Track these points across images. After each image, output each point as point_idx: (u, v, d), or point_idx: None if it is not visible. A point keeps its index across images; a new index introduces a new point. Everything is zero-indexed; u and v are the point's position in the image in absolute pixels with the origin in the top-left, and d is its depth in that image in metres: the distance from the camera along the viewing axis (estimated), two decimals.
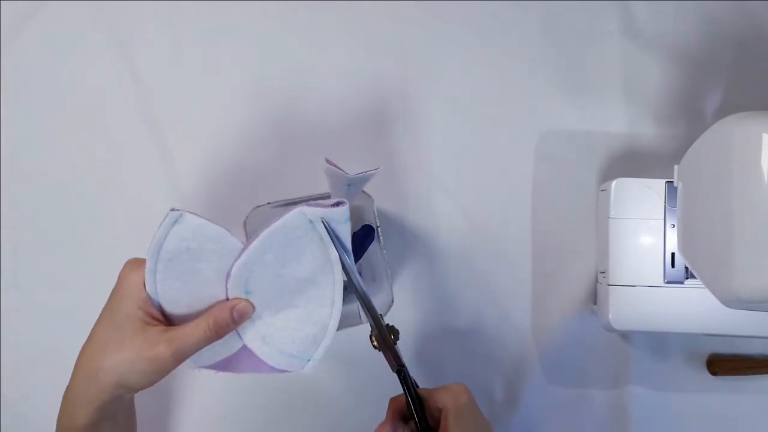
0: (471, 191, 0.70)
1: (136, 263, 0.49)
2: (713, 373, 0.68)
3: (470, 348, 0.69)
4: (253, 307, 0.49)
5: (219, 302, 0.49)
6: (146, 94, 0.71)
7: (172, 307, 0.49)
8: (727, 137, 0.48)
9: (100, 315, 0.50)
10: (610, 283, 0.62)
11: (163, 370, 0.47)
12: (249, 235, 0.61)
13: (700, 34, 0.71)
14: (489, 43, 0.71)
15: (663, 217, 0.62)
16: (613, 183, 0.63)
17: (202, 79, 0.72)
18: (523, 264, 0.70)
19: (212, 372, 0.52)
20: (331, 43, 0.72)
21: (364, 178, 0.54)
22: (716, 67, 0.71)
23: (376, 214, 0.61)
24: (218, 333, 0.48)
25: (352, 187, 0.54)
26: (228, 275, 0.48)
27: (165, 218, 0.47)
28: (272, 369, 0.50)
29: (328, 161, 0.54)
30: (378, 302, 0.63)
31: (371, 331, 0.52)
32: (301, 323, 0.49)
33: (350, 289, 0.67)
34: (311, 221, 0.47)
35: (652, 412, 0.68)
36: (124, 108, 0.71)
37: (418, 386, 0.55)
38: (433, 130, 0.71)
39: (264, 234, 0.47)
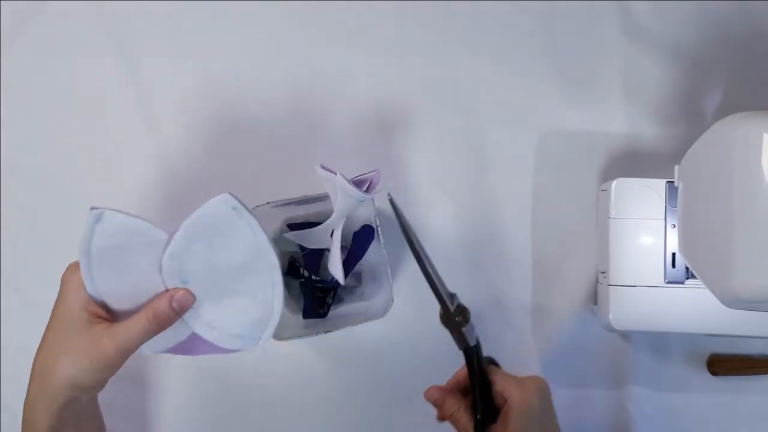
0: (471, 191, 0.70)
1: (76, 266, 0.49)
2: (713, 373, 0.68)
3: None
4: (193, 296, 0.49)
5: (158, 294, 0.49)
6: (146, 93, 0.71)
7: (116, 303, 0.50)
8: (727, 137, 0.48)
9: (49, 319, 0.50)
10: (611, 283, 0.62)
11: (111, 365, 0.48)
12: None
13: (700, 34, 0.71)
14: (489, 42, 0.71)
15: (663, 217, 0.62)
16: (614, 183, 0.63)
17: (202, 79, 0.72)
18: (523, 264, 0.70)
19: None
20: (331, 43, 0.72)
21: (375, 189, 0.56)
22: (716, 67, 0.71)
23: (375, 214, 0.61)
24: (160, 324, 0.48)
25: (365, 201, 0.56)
26: (160, 267, 0.48)
27: (88, 218, 0.47)
28: (225, 350, 0.51)
29: (322, 167, 0.55)
30: (378, 302, 0.63)
31: (440, 310, 0.52)
32: (246, 307, 0.50)
33: (350, 288, 0.67)
34: (234, 208, 0.47)
35: (652, 412, 0.68)
36: (124, 108, 0.71)
37: (497, 365, 0.56)
38: (433, 130, 0.71)
39: (186, 223, 0.47)
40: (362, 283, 0.67)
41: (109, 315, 0.50)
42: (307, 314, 0.65)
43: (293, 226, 0.65)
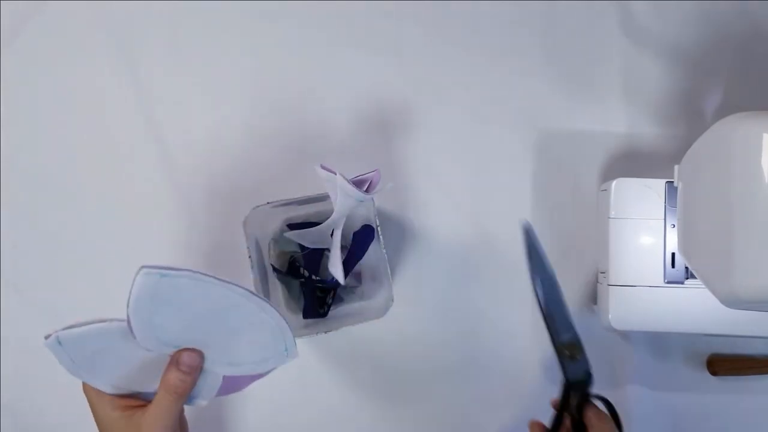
0: (471, 191, 0.70)
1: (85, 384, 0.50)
2: (713, 373, 0.68)
3: (470, 348, 0.69)
4: (198, 351, 0.49)
5: (167, 368, 0.48)
6: (146, 94, 0.71)
7: (141, 385, 0.49)
8: (727, 137, 0.48)
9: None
10: (610, 283, 0.62)
11: None
12: (248, 237, 0.61)
13: (700, 35, 0.71)
14: (489, 42, 0.71)
15: (663, 217, 0.62)
16: (613, 183, 0.63)
17: (202, 79, 0.72)
18: (523, 264, 0.69)
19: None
20: (331, 43, 0.72)
21: (375, 190, 0.55)
22: (716, 67, 0.71)
23: (375, 214, 0.61)
24: (180, 393, 0.48)
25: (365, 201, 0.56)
26: (146, 349, 0.48)
27: (50, 348, 0.46)
28: (261, 375, 0.51)
29: (323, 167, 0.55)
30: (378, 302, 0.63)
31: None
32: (253, 336, 0.49)
33: (350, 288, 0.67)
34: (163, 275, 0.45)
35: (652, 412, 0.68)
36: (124, 108, 0.71)
37: (611, 407, 0.56)
38: (432, 130, 0.71)
39: (129, 312, 0.46)
40: (362, 283, 0.67)
41: (143, 395, 0.50)
42: (307, 314, 0.65)
43: (293, 226, 0.65)
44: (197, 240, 0.70)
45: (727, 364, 0.68)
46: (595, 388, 0.69)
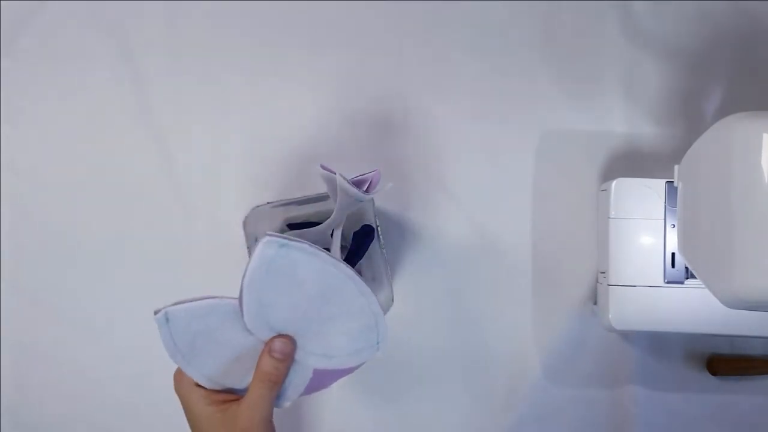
0: (471, 191, 0.70)
1: (178, 374, 0.50)
2: (713, 373, 0.68)
3: (470, 347, 0.69)
4: (291, 338, 0.49)
5: (260, 356, 0.48)
6: (146, 94, 0.71)
7: (234, 380, 0.50)
8: (727, 137, 0.48)
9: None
10: (611, 283, 0.62)
11: None
12: (248, 237, 0.61)
13: (699, 34, 0.71)
14: (489, 42, 0.71)
15: (663, 217, 0.62)
16: (613, 183, 0.63)
17: (202, 79, 0.72)
18: (523, 264, 0.70)
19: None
20: (331, 43, 0.72)
21: (376, 189, 0.55)
22: (716, 67, 0.71)
23: (375, 214, 0.61)
24: (274, 381, 0.48)
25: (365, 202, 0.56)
26: (248, 330, 0.48)
27: (156, 322, 0.47)
28: (351, 369, 0.51)
29: (323, 167, 0.55)
30: (378, 301, 0.63)
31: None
32: (349, 324, 0.49)
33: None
34: (282, 246, 0.46)
35: (652, 411, 0.68)
36: (124, 108, 0.71)
37: None
38: (432, 130, 0.71)
39: (245, 282, 0.47)
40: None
41: (235, 391, 0.50)
42: None
43: (293, 226, 0.65)
44: (197, 240, 0.70)
45: (727, 364, 0.68)
46: (596, 388, 0.69)
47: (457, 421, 0.69)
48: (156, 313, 0.47)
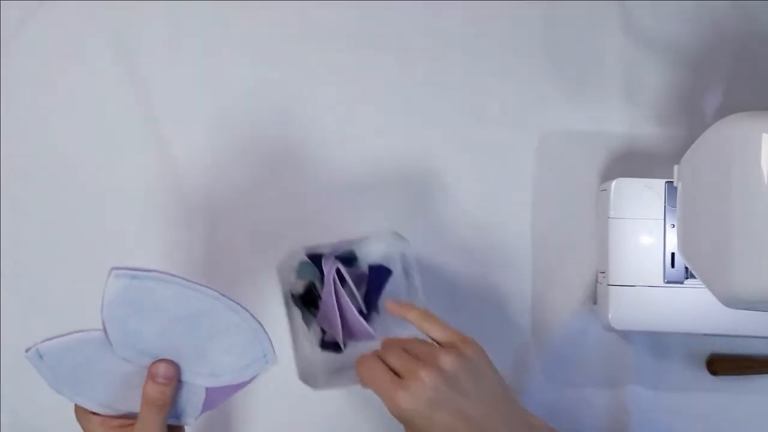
0: (471, 191, 0.70)
1: (76, 407, 0.50)
2: (713, 373, 0.68)
3: None
4: (173, 362, 0.49)
5: (144, 382, 0.49)
6: (146, 94, 0.71)
7: (128, 405, 0.50)
8: (727, 137, 0.48)
9: None
10: (610, 283, 0.62)
11: None
12: (283, 284, 0.61)
13: (700, 35, 0.71)
14: (489, 42, 0.71)
15: (663, 217, 0.62)
16: (613, 183, 0.63)
17: (202, 79, 0.72)
18: (523, 264, 0.70)
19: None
20: (331, 44, 0.72)
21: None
22: (716, 67, 0.71)
23: (413, 266, 0.61)
24: (161, 405, 0.48)
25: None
26: (125, 359, 0.48)
27: (30, 361, 0.48)
28: (244, 383, 0.51)
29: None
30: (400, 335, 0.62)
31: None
32: (228, 342, 0.49)
33: (369, 317, 0.65)
34: (133, 277, 0.46)
35: (651, 411, 0.68)
36: (124, 108, 0.71)
37: None
38: (432, 130, 0.71)
39: (104, 316, 0.47)
40: (380, 314, 0.65)
41: (132, 416, 0.50)
42: (325, 346, 0.64)
43: (312, 257, 0.64)
44: (197, 239, 0.70)
45: (727, 364, 0.68)
46: (595, 388, 0.69)
47: None
48: (27, 350, 0.47)
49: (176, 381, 0.49)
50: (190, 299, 0.48)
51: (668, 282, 0.61)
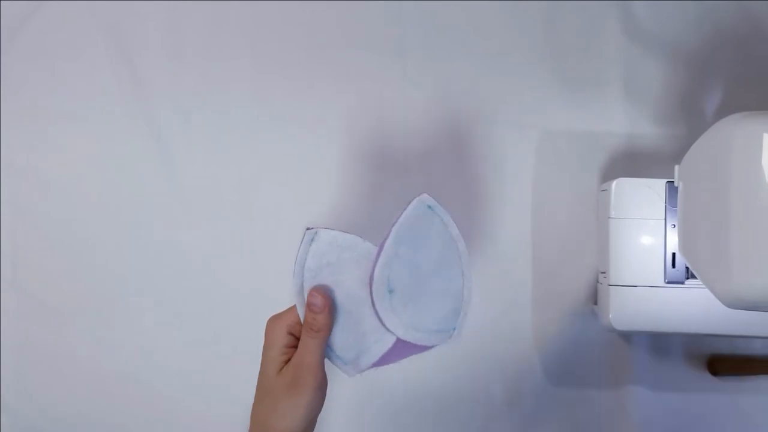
0: (470, 191, 0.70)
1: (276, 317, 0.51)
2: (713, 373, 0.68)
3: (470, 348, 0.69)
4: (327, 293, 0.50)
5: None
6: (146, 94, 0.71)
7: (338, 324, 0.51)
8: (727, 137, 0.48)
9: (259, 371, 0.51)
10: (611, 284, 0.62)
11: (310, 403, 0.49)
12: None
13: (700, 34, 0.71)
14: (489, 43, 0.71)
15: (663, 217, 0.62)
16: (614, 183, 0.63)
17: (202, 79, 0.72)
18: (523, 264, 0.70)
19: None
20: (330, 44, 0.72)
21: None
22: (716, 67, 0.71)
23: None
24: (316, 330, 0.49)
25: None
26: (371, 279, 0.50)
27: (303, 238, 0.49)
28: (425, 348, 0.52)
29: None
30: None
31: None
32: (442, 301, 0.51)
33: None
34: (430, 207, 0.50)
35: (652, 412, 0.68)
36: (124, 108, 0.71)
37: None
38: (432, 130, 0.71)
39: (395, 228, 0.49)
40: None
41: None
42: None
43: None
44: (196, 238, 0.70)
45: (727, 364, 0.68)
46: (596, 388, 0.69)
47: (458, 420, 0.69)
48: (308, 228, 0.49)
49: (328, 309, 0.50)
50: (450, 249, 0.51)
51: (669, 282, 0.61)
